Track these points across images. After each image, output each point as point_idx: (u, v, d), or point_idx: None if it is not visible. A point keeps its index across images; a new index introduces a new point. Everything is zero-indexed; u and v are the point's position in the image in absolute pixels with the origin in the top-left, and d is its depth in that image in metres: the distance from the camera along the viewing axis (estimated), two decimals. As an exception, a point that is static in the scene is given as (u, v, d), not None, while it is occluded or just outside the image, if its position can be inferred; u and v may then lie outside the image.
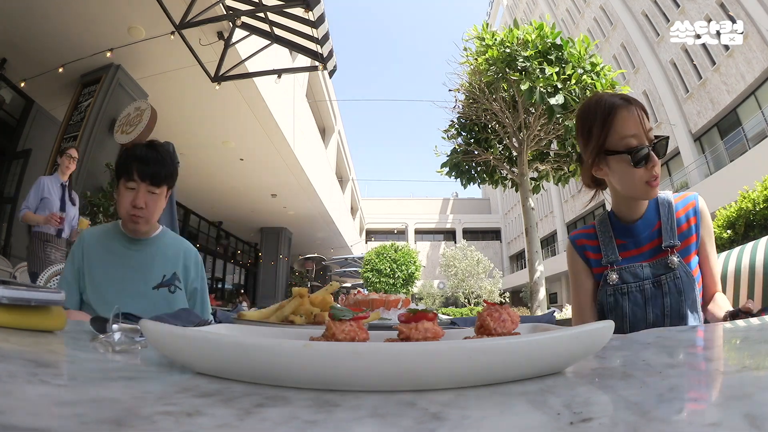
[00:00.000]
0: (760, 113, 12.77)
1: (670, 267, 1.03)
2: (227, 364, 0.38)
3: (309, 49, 4.70)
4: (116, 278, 1.23)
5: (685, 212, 1.08)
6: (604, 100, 1.05)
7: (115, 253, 1.27)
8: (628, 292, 1.05)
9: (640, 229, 1.08)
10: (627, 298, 1.05)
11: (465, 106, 8.44)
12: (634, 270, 1.06)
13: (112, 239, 1.29)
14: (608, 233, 1.11)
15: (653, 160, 0.99)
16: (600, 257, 1.11)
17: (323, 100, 14.30)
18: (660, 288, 1.03)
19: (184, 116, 6.86)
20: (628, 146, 1.00)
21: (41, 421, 0.24)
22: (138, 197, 1.22)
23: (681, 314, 1.01)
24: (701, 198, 1.10)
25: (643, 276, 1.04)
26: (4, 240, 5.51)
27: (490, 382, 0.37)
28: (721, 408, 0.29)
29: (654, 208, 1.09)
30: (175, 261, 1.32)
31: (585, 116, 1.08)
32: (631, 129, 1.00)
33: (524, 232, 8.41)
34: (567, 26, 23.25)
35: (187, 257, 1.35)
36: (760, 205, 4.75)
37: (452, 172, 8.69)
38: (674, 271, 1.02)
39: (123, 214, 1.24)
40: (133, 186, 1.23)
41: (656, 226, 1.07)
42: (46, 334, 0.55)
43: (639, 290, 1.04)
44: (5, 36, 4.73)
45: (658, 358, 0.54)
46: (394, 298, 0.93)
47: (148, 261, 1.28)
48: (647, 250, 1.07)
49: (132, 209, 1.22)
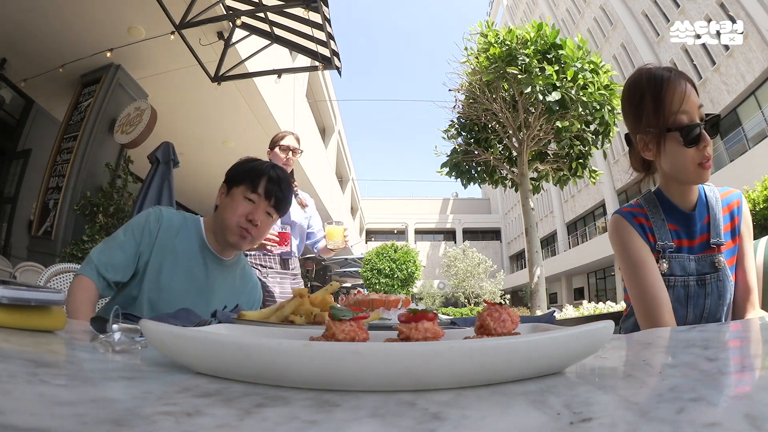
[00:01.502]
0: (760, 113, 12.77)
1: (716, 266, 0.95)
2: (227, 364, 0.38)
3: (309, 49, 4.69)
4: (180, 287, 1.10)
5: (729, 210, 1.01)
6: (652, 72, 0.95)
7: (192, 258, 1.14)
8: (673, 286, 0.96)
9: (696, 219, 0.98)
10: (672, 291, 0.95)
11: (465, 106, 8.44)
12: (682, 262, 0.96)
13: (193, 241, 1.15)
14: (660, 216, 0.99)
15: (705, 139, 0.90)
16: (654, 241, 0.98)
17: (323, 100, 14.30)
18: (704, 287, 0.96)
19: (184, 116, 6.86)
20: (680, 124, 0.90)
21: (41, 421, 0.24)
22: (257, 212, 1.12)
23: (717, 318, 0.96)
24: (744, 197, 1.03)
25: (689, 271, 0.96)
26: (4, 240, 5.50)
27: (490, 382, 0.37)
28: (721, 408, 0.29)
29: (704, 198, 1.00)
30: (239, 292, 1.22)
31: (632, 91, 0.98)
32: (683, 105, 0.90)
33: (524, 232, 8.42)
34: (567, 26, 23.25)
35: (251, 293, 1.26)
36: (760, 205, 4.75)
37: (452, 172, 8.70)
38: (719, 271, 0.95)
39: (232, 223, 1.11)
40: (253, 199, 1.12)
41: (706, 219, 0.99)
42: (46, 334, 0.55)
43: (684, 285, 0.96)
44: (5, 36, 4.73)
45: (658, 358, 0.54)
46: (394, 298, 0.93)
47: (218, 283, 1.16)
48: (697, 243, 0.98)
49: (245, 222, 1.11)
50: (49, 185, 4.82)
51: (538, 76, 6.67)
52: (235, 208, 1.12)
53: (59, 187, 4.69)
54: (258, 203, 1.12)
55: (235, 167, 1.19)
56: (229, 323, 0.69)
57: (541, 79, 6.63)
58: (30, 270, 3.28)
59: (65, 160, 4.82)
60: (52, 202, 4.68)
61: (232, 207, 1.12)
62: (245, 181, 1.13)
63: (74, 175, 4.69)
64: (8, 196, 5.74)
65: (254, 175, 1.13)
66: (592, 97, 6.85)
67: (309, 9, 3.85)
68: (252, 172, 1.14)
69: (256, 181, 1.12)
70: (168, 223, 1.14)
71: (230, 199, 1.14)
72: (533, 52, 6.90)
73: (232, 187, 1.15)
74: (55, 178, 4.81)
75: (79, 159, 4.74)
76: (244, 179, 1.13)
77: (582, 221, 24.64)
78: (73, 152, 4.77)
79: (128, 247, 1.09)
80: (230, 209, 1.12)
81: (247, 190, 1.12)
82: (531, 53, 6.89)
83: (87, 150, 4.80)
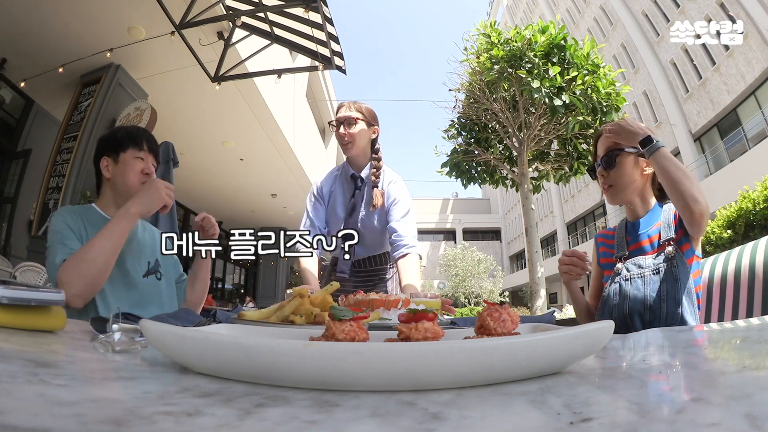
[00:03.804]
0: (760, 113, 12.77)
1: (668, 257, 1.16)
2: (227, 364, 0.38)
3: (309, 49, 4.69)
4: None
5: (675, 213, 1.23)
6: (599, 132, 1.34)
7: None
8: (630, 278, 1.20)
9: (642, 226, 1.25)
10: (629, 283, 1.20)
11: (465, 106, 8.43)
12: (638, 262, 1.20)
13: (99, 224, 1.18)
14: (622, 233, 1.30)
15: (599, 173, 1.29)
16: (614, 252, 1.29)
17: (323, 100, 14.29)
18: (658, 275, 1.16)
19: (184, 116, 6.85)
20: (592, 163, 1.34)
21: (41, 421, 0.24)
22: (148, 165, 1.26)
23: (677, 300, 1.12)
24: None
25: (646, 266, 1.19)
26: (4, 240, 5.50)
27: (490, 382, 0.37)
28: (721, 408, 0.29)
29: (659, 208, 1.25)
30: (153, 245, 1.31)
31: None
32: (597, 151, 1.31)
33: (524, 232, 8.41)
34: (567, 26, 23.23)
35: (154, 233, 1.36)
36: (760, 205, 4.75)
37: (452, 172, 8.69)
38: (672, 260, 1.15)
39: (135, 182, 1.24)
40: (142, 156, 1.26)
41: (658, 224, 1.23)
42: (46, 334, 0.55)
43: (640, 277, 1.18)
44: (5, 36, 4.72)
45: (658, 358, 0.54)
46: (394, 298, 0.93)
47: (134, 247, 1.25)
48: (647, 244, 1.23)
49: (144, 176, 1.24)
50: (49, 185, 4.82)
51: (545, 78, 6.66)
52: (131, 170, 1.25)
53: (59, 187, 4.69)
54: (146, 158, 1.28)
55: (109, 138, 1.31)
56: (229, 323, 0.69)
57: (547, 81, 6.62)
58: (30, 270, 3.28)
59: (65, 160, 4.82)
60: (52, 202, 4.68)
61: (128, 170, 1.25)
62: (129, 145, 1.26)
63: (74, 175, 4.69)
64: (8, 196, 5.73)
65: (135, 137, 1.28)
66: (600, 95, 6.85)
67: (309, 9, 3.85)
68: (131, 135, 1.28)
69: (138, 141, 1.27)
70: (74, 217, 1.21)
71: (122, 165, 1.26)
72: (540, 54, 6.89)
73: (119, 153, 1.27)
74: (55, 178, 4.81)
75: (79, 159, 4.74)
76: (128, 143, 1.27)
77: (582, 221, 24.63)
78: (73, 152, 4.76)
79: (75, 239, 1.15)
80: (127, 173, 1.25)
81: (134, 150, 1.26)
82: (538, 54, 6.88)
83: (87, 150, 4.79)
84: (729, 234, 4.95)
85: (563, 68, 6.85)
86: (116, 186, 1.27)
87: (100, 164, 1.28)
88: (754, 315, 1.14)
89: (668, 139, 16.52)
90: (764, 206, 4.72)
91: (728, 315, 1.24)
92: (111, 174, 1.27)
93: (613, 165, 1.24)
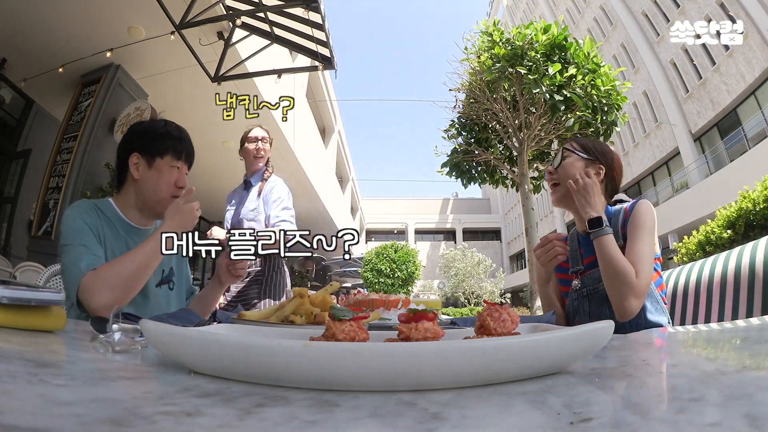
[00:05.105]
0: (760, 113, 12.77)
1: None
2: (227, 364, 0.38)
3: (309, 49, 4.70)
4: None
5: (624, 217, 1.16)
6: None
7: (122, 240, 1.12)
8: (588, 295, 1.17)
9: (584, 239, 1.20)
10: (587, 300, 1.17)
11: (465, 106, 8.43)
12: (595, 275, 1.15)
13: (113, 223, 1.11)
14: (575, 246, 1.24)
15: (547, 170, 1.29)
16: (568, 267, 1.24)
17: (323, 100, 14.29)
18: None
19: (184, 116, 6.85)
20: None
21: (41, 421, 0.24)
22: (183, 177, 1.13)
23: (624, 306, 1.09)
24: (643, 202, 1.16)
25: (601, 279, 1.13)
26: (4, 240, 5.50)
27: (490, 382, 0.37)
28: (721, 408, 0.29)
29: (608, 217, 1.17)
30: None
31: None
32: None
33: (524, 232, 8.40)
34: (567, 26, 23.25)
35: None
36: (760, 205, 4.74)
37: (452, 172, 8.68)
38: None
39: (165, 195, 1.11)
40: (178, 165, 1.13)
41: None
42: (46, 334, 0.56)
43: (596, 292, 1.15)
44: (5, 36, 4.72)
45: (658, 358, 0.54)
46: (394, 298, 0.93)
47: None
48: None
49: (177, 190, 1.11)
50: (49, 185, 4.82)
51: (545, 76, 6.66)
52: (165, 181, 1.12)
53: (59, 187, 4.69)
54: (181, 168, 1.15)
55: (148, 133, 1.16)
56: (229, 323, 0.69)
57: (548, 79, 6.62)
58: (30, 270, 3.28)
59: (65, 160, 4.82)
60: (52, 202, 4.68)
61: (161, 179, 1.12)
62: (169, 151, 1.13)
63: (74, 175, 4.68)
64: (8, 196, 5.74)
65: (177, 145, 1.14)
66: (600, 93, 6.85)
67: (309, 9, 3.86)
68: (169, 139, 1.13)
69: (178, 148, 1.14)
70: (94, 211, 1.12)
71: (156, 172, 1.12)
72: (541, 53, 6.89)
73: (155, 158, 1.13)
74: (55, 178, 4.81)
75: (79, 159, 4.74)
76: (168, 149, 1.13)
77: (582, 221, 24.62)
78: (73, 152, 4.76)
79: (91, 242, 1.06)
80: (160, 184, 1.12)
81: (172, 159, 1.13)
82: (539, 53, 6.88)
83: (87, 150, 4.79)
84: (729, 234, 4.94)
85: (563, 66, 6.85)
86: (142, 191, 1.14)
87: (129, 159, 1.14)
88: (754, 315, 1.14)
89: (668, 139, 16.54)
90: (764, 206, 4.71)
91: (728, 315, 1.24)
92: (141, 176, 1.13)
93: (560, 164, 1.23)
